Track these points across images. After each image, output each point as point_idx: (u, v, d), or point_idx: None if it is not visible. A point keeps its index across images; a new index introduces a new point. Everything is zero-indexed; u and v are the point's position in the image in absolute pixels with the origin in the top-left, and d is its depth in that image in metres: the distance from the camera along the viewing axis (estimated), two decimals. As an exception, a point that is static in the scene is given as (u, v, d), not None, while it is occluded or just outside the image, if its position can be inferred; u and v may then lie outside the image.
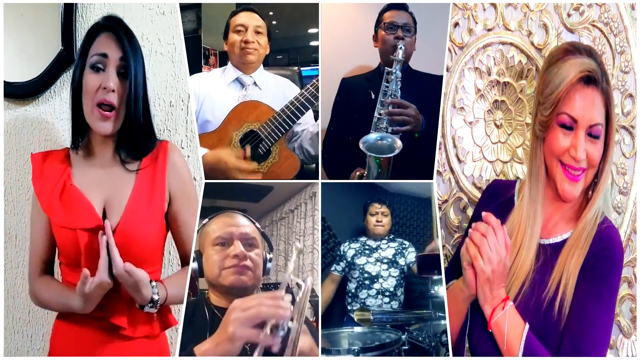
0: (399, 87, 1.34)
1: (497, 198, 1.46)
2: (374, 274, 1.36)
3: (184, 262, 1.53)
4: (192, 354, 1.15)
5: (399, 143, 1.33)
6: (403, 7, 1.33)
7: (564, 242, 1.35)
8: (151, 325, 1.43)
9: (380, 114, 1.34)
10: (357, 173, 1.36)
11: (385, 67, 1.34)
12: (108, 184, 1.43)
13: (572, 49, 1.33)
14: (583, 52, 1.32)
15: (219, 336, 1.14)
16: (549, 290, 1.31)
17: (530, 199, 1.37)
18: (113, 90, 1.38)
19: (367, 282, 1.36)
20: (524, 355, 1.27)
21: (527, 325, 1.28)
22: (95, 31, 1.43)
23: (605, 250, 1.30)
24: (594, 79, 1.29)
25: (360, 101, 1.37)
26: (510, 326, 1.28)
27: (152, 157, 1.47)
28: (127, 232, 1.38)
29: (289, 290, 1.20)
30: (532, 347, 1.27)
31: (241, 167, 1.39)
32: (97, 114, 1.39)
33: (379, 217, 1.38)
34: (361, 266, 1.36)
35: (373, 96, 1.35)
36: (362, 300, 1.35)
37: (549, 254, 1.35)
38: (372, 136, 1.33)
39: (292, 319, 1.15)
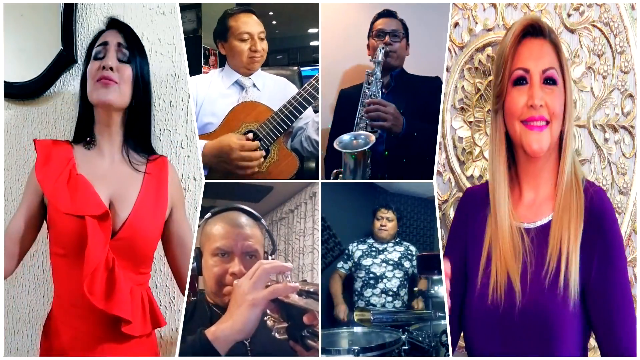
0: (379, 87, 1.37)
1: (476, 205, 1.42)
2: (378, 274, 1.37)
3: (180, 276, 1.53)
4: (203, 337, 1.14)
5: (372, 138, 1.35)
6: (392, 14, 1.36)
7: (549, 223, 1.31)
8: (145, 324, 1.44)
9: (360, 116, 1.38)
10: (334, 172, 1.38)
11: (367, 70, 1.37)
12: (114, 179, 1.45)
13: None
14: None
15: (231, 313, 1.14)
16: (548, 267, 1.26)
17: (494, 179, 1.35)
18: (112, 68, 1.42)
19: (372, 281, 1.37)
20: None
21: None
22: (98, 34, 1.50)
23: (600, 215, 1.28)
24: (540, 30, 1.32)
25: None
26: None
27: (157, 167, 1.51)
28: (135, 227, 1.41)
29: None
30: None
31: (245, 144, 1.39)
32: (98, 84, 1.42)
33: (384, 222, 1.41)
34: (367, 267, 1.38)
35: None
36: (367, 299, 1.36)
37: (539, 236, 1.31)
38: (346, 137, 1.37)
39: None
